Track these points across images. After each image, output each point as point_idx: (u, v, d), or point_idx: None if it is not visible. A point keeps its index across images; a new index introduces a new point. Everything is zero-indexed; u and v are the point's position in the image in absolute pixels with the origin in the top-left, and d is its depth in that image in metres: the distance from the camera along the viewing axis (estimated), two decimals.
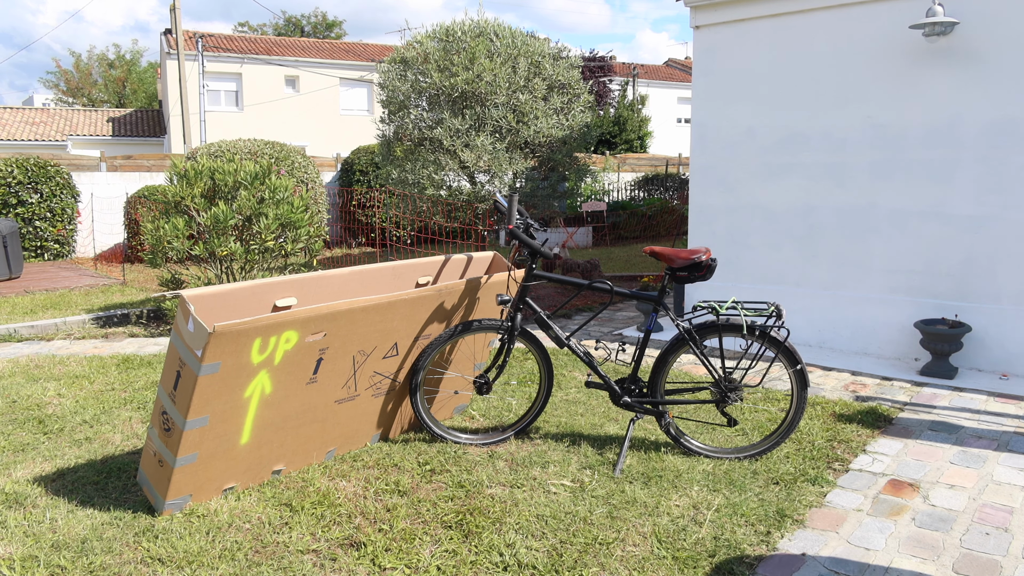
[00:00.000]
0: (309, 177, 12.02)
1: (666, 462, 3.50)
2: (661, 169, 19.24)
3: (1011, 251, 4.99)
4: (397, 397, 3.77)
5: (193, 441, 2.89)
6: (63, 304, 7.98)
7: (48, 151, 19.77)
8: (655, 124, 29.16)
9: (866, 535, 2.84)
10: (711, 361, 3.57)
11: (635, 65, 31.66)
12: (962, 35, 5.02)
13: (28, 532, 2.85)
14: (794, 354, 3.45)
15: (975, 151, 5.07)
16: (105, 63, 40.16)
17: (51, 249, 12.90)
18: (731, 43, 6.10)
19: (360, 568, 2.60)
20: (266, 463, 3.27)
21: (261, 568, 2.58)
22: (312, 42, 29.24)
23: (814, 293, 5.80)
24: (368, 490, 3.22)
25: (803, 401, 3.51)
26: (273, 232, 6.17)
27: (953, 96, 5.12)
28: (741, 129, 6.08)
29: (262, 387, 3.02)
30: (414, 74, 9.34)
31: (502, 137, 9.14)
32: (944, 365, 4.96)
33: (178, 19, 19.14)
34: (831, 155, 5.66)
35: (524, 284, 3.66)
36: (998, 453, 3.65)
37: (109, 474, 3.42)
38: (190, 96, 21.66)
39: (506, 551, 2.68)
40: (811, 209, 5.80)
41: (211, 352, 2.71)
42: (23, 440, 3.89)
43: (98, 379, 5.06)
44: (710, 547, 2.72)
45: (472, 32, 9.26)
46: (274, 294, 3.28)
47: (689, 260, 3.47)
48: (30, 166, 12.64)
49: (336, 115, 26.21)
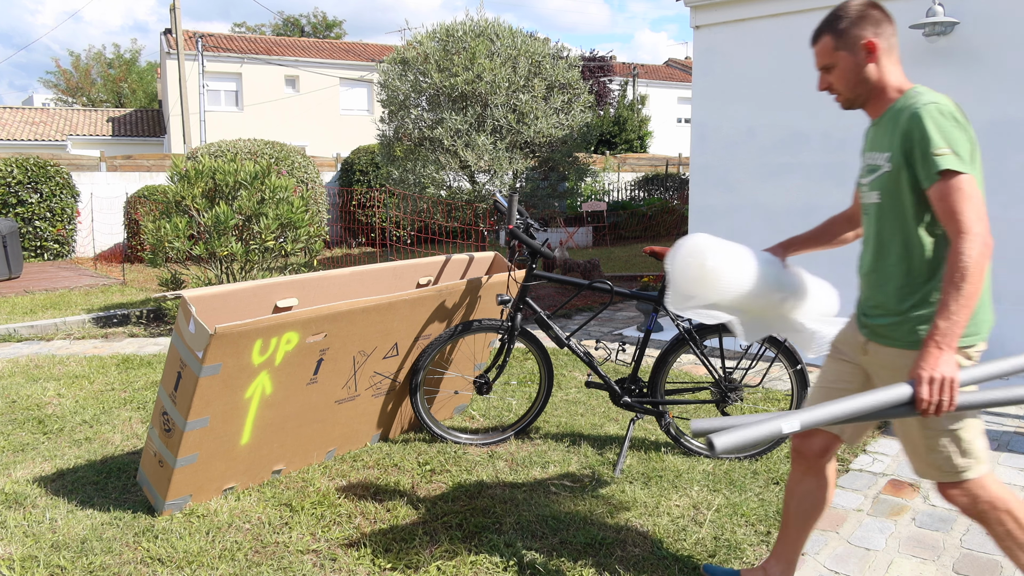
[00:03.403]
0: (309, 177, 12.02)
1: (666, 462, 3.50)
2: (661, 169, 19.25)
3: (1011, 251, 4.99)
4: (397, 397, 3.77)
5: (194, 442, 2.89)
6: (63, 304, 7.98)
7: (48, 151, 19.77)
8: (655, 124, 29.16)
9: (866, 535, 2.84)
10: (711, 361, 3.57)
11: (635, 65, 31.66)
12: (962, 35, 5.02)
13: (28, 532, 2.85)
14: (794, 354, 3.45)
15: None
16: (104, 63, 40.15)
17: (51, 249, 12.90)
18: (731, 43, 6.10)
19: (360, 568, 2.60)
20: (266, 463, 3.27)
21: (261, 568, 2.58)
22: (312, 42, 29.24)
23: None
24: (368, 490, 3.23)
25: (803, 401, 3.51)
26: (273, 232, 6.17)
27: (953, 96, 5.06)
28: (741, 129, 6.08)
29: (263, 388, 3.03)
30: (414, 74, 9.34)
31: (502, 137, 9.14)
32: None
33: (178, 19, 19.13)
34: (831, 155, 5.66)
35: (524, 284, 3.66)
36: (998, 453, 3.65)
37: (109, 474, 3.42)
38: (190, 96, 21.66)
39: (506, 551, 2.68)
40: (811, 209, 5.80)
41: (212, 353, 2.71)
42: (23, 440, 3.89)
43: (98, 379, 5.06)
44: (710, 547, 2.72)
45: (472, 32, 9.26)
46: (275, 295, 3.28)
47: None
48: (30, 166, 12.64)
49: (336, 115, 26.21)
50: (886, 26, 2.06)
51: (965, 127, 1.94)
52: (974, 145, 1.95)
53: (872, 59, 2.06)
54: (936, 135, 1.89)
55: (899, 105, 2.02)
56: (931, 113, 1.91)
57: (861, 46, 2.05)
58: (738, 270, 2.32)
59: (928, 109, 1.92)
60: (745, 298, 2.40)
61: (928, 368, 1.80)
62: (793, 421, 1.84)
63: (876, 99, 2.11)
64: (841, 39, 2.07)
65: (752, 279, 2.36)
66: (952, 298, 1.82)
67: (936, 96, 1.97)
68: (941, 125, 1.90)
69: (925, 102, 1.94)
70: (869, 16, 2.06)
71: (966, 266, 1.81)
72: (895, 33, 2.08)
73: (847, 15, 2.07)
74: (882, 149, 2.05)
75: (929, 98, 1.96)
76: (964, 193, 1.85)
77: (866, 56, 2.06)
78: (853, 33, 2.05)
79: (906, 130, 1.95)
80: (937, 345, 1.81)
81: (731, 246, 2.39)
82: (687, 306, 2.33)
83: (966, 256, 1.81)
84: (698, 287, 2.29)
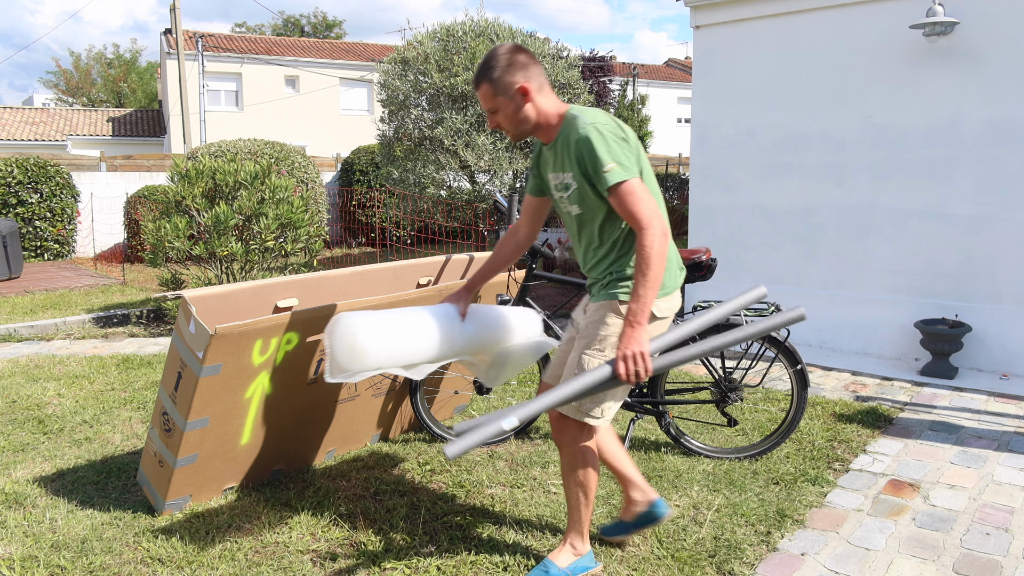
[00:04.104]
0: (309, 177, 12.02)
1: (666, 462, 3.50)
2: (661, 169, 19.24)
3: (1011, 251, 4.99)
4: (397, 397, 3.77)
5: (194, 442, 2.89)
6: (63, 304, 7.98)
7: (48, 151, 19.78)
8: (655, 124, 29.15)
9: (866, 535, 2.84)
10: (711, 361, 3.57)
11: (635, 65, 31.66)
12: (962, 35, 5.02)
13: (28, 532, 2.85)
14: (794, 354, 3.45)
15: (975, 151, 5.07)
16: (104, 63, 40.15)
17: (51, 249, 12.89)
18: (731, 43, 6.10)
19: (360, 568, 2.60)
20: (266, 463, 3.27)
21: (261, 568, 2.58)
22: (312, 42, 29.24)
23: (814, 293, 5.80)
24: (368, 490, 3.23)
25: (803, 401, 3.51)
26: (273, 232, 6.17)
27: (953, 96, 5.12)
28: (741, 129, 6.08)
29: (263, 388, 3.03)
30: (414, 74, 9.34)
31: (502, 137, 9.14)
32: (944, 365, 4.96)
33: (178, 19, 19.14)
34: (831, 155, 5.66)
35: (524, 284, 3.66)
36: (998, 453, 3.65)
37: (109, 474, 3.42)
38: (190, 96, 21.66)
39: (506, 551, 2.68)
40: (811, 209, 5.80)
41: (212, 354, 2.71)
42: (23, 440, 3.89)
43: (98, 379, 5.06)
44: (710, 547, 2.72)
45: (472, 32, 9.26)
46: (276, 295, 3.28)
47: (689, 260, 3.47)
48: (30, 166, 12.64)
49: (336, 115, 26.21)
50: (533, 68, 2.34)
51: (625, 135, 2.28)
52: (635, 149, 2.29)
53: (527, 100, 2.33)
54: (602, 153, 2.20)
55: (565, 130, 2.32)
56: (593, 135, 2.22)
57: (515, 92, 2.32)
58: (387, 343, 2.50)
59: (590, 131, 2.22)
60: (425, 355, 2.60)
61: (623, 346, 2.17)
62: (511, 418, 2.12)
63: (543, 129, 2.39)
64: (497, 87, 2.33)
65: (413, 343, 2.56)
66: (640, 284, 2.17)
67: (593, 116, 2.27)
68: (604, 143, 2.21)
69: (587, 124, 2.24)
70: (516, 63, 2.32)
71: (648, 256, 2.17)
72: (543, 71, 2.38)
73: (497, 65, 2.32)
74: (564, 170, 2.35)
75: (588, 119, 2.26)
76: (635, 196, 2.20)
77: (522, 99, 2.33)
78: (506, 80, 2.32)
79: (578, 154, 2.26)
80: (630, 324, 2.18)
81: (386, 319, 2.54)
82: (345, 376, 2.48)
83: (647, 247, 2.17)
84: (351, 363, 2.45)
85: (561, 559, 2.50)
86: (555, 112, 2.37)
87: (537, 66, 2.36)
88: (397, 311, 2.60)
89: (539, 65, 2.37)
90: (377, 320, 2.51)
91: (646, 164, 2.33)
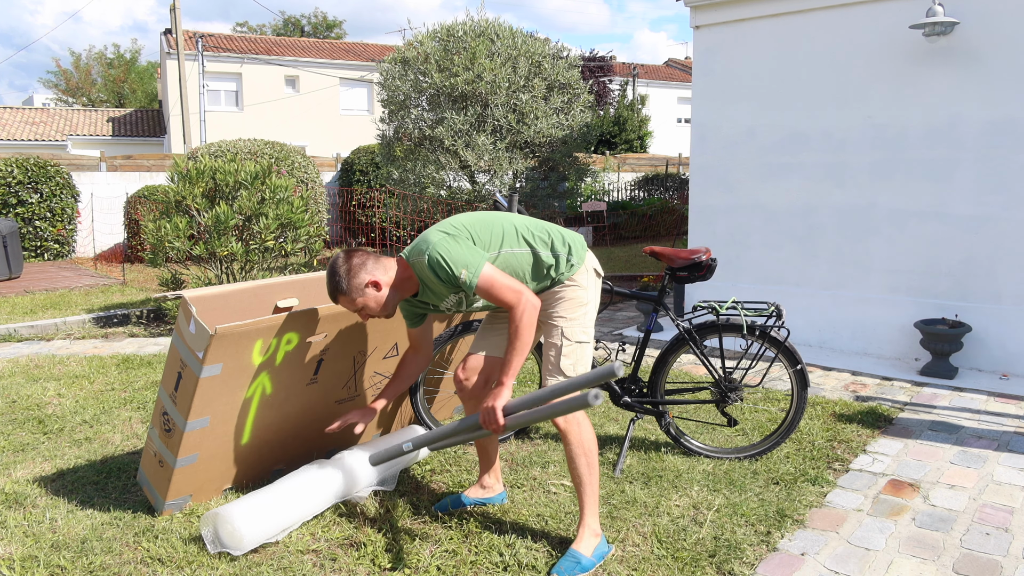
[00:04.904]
0: (309, 177, 12.02)
1: (666, 462, 3.50)
2: (661, 169, 19.25)
3: (1011, 251, 4.99)
4: (397, 397, 3.76)
5: (194, 442, 2.89)
6: (63, 304, 7.98)
7: (48, 151, 19.78)
8: (655, 124, 29.17)
9: (866, 535, 2.84)
10: (711, 361, 3.57)
11: (635, 65, 31.67)
12: (962, 35, 5.03)
13: (28, 532, 2.85)
14: (794, 354, 3.45)
15: (975, 151, 5.07)
16: (104, 63, 40.15)
17: (51, 249, 12.90)
18: (731, 43, 6.10)
19: (360, 568, 2.61)
20: (266, 463, 3.27)
21: (261, 568, 2.58)
22: (312, 42, 29.24)
23: (814, 293, 5.80)
24: None
25: (803, 401, 3.51)
26: (273, 232, 6.17)
27: (953, 96, 5.12)
28: (741, 129, 6.08)
29: (263, 388, 3.03)
30: (414, 74, 9.34)
31: (502, 137, 9.14)
32: (944, 365, 4.96)
33: (178, 19, 19.14)
34: (831, 155, 5.67)
35: None
36: (998, 453, 3.65)
37: (109, 474, 3.42)
38: (190, 96, 21.67)
39: (506, 551, 2.68)
40: (811, 209, 5.80)
41: (213, 354, 2.71)
42: (23, 440, 3.89)
43: (98, 379, 5.06)
44: (710, 547, 2.72)
45: (472, 32, 9.26)
46: (276, 295, 3.28)
47: (689, 260, 3.47)
48: (30, 166, 12.64)
49: (336, 115, 26.21)
50: (368, 259, 2.60)
51: (458, 237, 2.54)
52: (471, 235, 2.57)
53: (380, 287, 2.60)
54: (452, 268, 2.47)
55: (419, 274, 2.60)
56: (436, 260, 2.48)
57: (367, 287, 2.58)
58: (273, 519, 2.73)
59: (433, 260, 2.49)
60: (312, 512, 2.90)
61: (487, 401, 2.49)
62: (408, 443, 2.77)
63: (407, 289, 2.67)
64: (352, 294, 2.59)
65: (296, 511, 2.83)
66: (510, 352, 2.48)
67: (424, 246, 2.53)
68: (447, 259, 2.47)
69: (428, 255, 2.50)
70: (354, 267, 2.57)
71: (519, 327, 2.46)
72: (371, 255, 2.62)
73: (341, 276, 2.58)
74: (448, 295, 2.65)
75: (425, 250, 2.52)
76: (493, 283, 2.47)
77: (375, 290, 2.60)
78: (355, 284, 2.57)
79: (443, 278, 2.51)
80: (498, 384, 2.50)
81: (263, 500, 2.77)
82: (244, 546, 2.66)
83: (517, 320, 2.46)
84: (247, 544, 2.65)
85: (585, 546, 2.59)
86: (402, 276, 2.63)
87: (367, 255, 2.61)
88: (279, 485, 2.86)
89: (369, 254, 2.62)
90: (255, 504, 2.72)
91: (481, 228, 2.61)
